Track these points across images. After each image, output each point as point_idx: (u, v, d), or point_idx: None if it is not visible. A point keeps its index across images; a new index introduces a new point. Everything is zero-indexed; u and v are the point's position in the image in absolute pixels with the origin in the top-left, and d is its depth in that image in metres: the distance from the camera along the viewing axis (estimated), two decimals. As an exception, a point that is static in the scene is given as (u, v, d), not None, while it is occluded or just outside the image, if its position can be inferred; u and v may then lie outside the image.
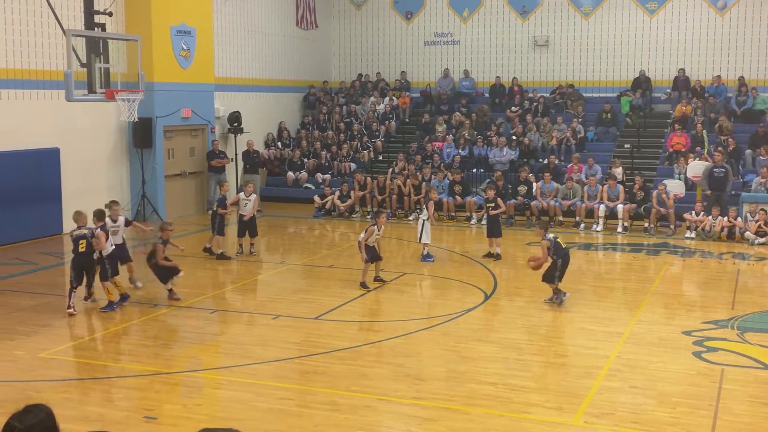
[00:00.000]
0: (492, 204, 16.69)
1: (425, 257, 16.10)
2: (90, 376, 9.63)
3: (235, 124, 23.56)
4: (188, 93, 21.66)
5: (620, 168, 21.49)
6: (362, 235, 13.77)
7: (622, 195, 20.02)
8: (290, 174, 24.75)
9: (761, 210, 18.18)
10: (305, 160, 25.13)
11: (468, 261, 16.28)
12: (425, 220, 16.04)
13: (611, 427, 7.92)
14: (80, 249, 12.09)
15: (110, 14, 16.09)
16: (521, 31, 27.62)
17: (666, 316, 12.24)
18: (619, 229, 19.64)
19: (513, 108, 25.94)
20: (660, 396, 8.75)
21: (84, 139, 19.28)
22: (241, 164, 23.72)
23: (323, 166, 24.79)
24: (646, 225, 19.61)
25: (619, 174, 21.09)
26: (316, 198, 22.58)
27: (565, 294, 12.59)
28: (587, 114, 25.35)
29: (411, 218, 20.87)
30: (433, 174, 22.25)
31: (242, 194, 16.65)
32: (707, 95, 24.84)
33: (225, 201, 16.45)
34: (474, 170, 23.36)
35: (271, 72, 26.50)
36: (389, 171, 22.93)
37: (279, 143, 26.01)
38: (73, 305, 12.03)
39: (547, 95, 26.27)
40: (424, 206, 16.72)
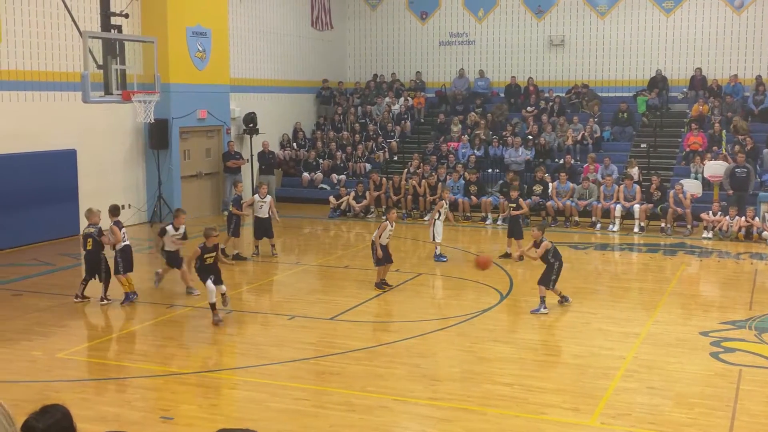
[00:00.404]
0: (514, 204, 16.66)
1: (438, 257, 16.09)
2: (106, 377, 9.69)
3: (251, 125, 23.61)
4: (204, 94, 21.73)
5: (636, 168, 21.38)
6: (375, 233, 13.79)
7: (639, 195, 19.90)
8: (305, 175, 24.78)
9: (779, 210, 18.07)
10: (320, 161, 25.16)
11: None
12: (436, 220, 16.04)
13: (628, 428, 7.88)
14: (88, 247, 12.65)
15: (126, 16, 16.19)
16: (536, 31, 27.54)
17: (683, 317, 12.16)
18: (636, 230, 19.53)
19: (528, 108, 25.86)
20: (677, 397, 8.70)
21: (100, 141, 19.40)
22: (257, 165, 23.79)
23: (338, 167, 24.81)
24: (663, 225, 19.49)
25: (636, 174, 20.98)
26: (332, 199, 22.60)
27: (567, 299, 12.55)
28: (603, 114, 25.21)
29: (426, 218, 20.84)
30: (449, 174, 22.23)
31: (257, 196, 16.52)
32: (724, 94, 24.68)
33: (240, 201, 16.48)
34: (489, 170, 23.33)
35: (287, 73, 26.55)
36: (404, 171, 22.93)
37: (294, 144, 26.07)
38: (81, 295, 12.70)
39: (563, 95, 26.17)
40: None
